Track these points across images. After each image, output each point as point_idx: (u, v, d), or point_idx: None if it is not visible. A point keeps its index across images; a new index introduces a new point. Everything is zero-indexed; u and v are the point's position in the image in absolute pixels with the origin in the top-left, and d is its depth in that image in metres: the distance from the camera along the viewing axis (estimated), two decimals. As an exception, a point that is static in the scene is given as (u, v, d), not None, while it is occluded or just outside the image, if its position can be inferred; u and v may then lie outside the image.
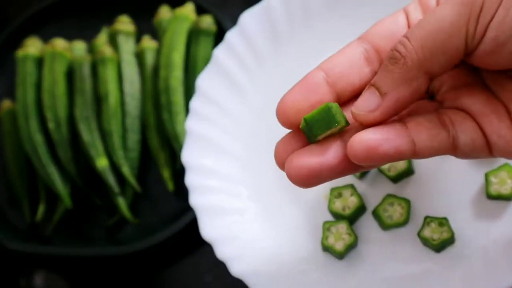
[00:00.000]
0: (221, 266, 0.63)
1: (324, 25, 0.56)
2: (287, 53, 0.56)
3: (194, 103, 0.55)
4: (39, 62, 0.71)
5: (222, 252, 0.49)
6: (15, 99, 0.70)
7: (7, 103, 0.71)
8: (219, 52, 0.56)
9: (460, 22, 0.36)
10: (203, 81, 0.56)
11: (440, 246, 0.47)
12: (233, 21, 0.60)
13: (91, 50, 0.72)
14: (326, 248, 0.49)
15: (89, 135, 0.67)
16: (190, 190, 0.52)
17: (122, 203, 0.65)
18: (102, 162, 0.66)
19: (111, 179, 0.66)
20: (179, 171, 0.66)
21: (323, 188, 0.50)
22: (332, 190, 0.50)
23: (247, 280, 0.48)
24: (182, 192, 0.66)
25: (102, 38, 0.72)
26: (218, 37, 0.69)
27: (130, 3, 0.74)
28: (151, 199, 0.67)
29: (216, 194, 0.52)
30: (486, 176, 0.48)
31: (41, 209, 0.66)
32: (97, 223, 0.67)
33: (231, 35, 0.56)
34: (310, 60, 0.54)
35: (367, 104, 0.37)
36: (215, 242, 0.50)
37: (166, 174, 0.66)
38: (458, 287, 0.45)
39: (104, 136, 0.67)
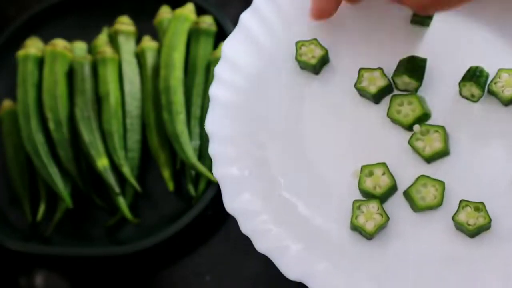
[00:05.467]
0: (221, 266, 0.63)
1: None
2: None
3: (218, 68, 0.52)
4: (40, 62, 0.71)
5: (246, 226, 0.47)
6: (15, 99, 0.70)
7: (7, 103, 0.71)
8: (246, 16, 0.53)
9: None
10: (228, 46, 0.52)
11: (475, 232, 0.46)
12: (233, 21, 0.60)
13: (92, 50, 0.72)
14: (355, 228, 0.47)
15: (89, 135, 0.67)
16: (213, 160, 0.49)
17: (122, 203, 0.65)
18: (102, 162, 0.66)
19: (111, 179, 0.66)
20: (179, 171, 0.66)
21: (354, 166, 0.49)
22: (363, 167, 0.48)
23: (272, 256, 0.46)
24: (182, 192, 0.66)
25: (102, 39, 0.72)
26: (218, 37, 0.70)
27: (130, 3, 0.74)
28: (151, 199, 0.67)
29: (240, 165, 0.49)
30: None
31: (41, 209, 0.66)
32: (97, 223, 0.67)
33: (258, 0, 0.54)
34: (336, 26, 0.53)
35: None
36: (239, 216, 0.47)
37: (166, 174, 0.66)
38: (493, 276, 0.44)
39: (105, 136, 0.67)
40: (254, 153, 0.50)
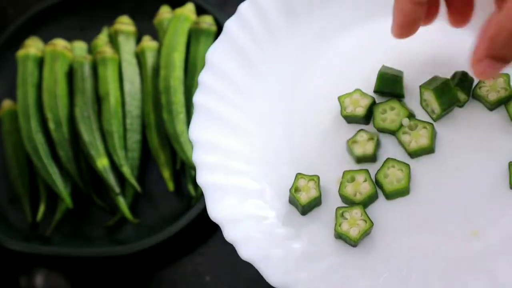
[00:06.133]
0: (220, 266, 0.63)
1: (341, 3, 0.54)
2: (301, 28, 0.54)
3: (203, 76, 0.51)
4: (40, 62, 0.71)
5: (230, 234, 0.47)
6: (15, 99, 0.70)
7: (8, 103, 0.71)
8: (231, 24, 0.53)
9: None
10: (213, 53, 0.52)
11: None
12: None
13: (92, 50, 0.72)
14: (340, 235, 0.47)
15: (89, 135, 0.67)
16: (197, 168, 0.49)
17: (122, 203, 0.65)
18: (102, 162, 0.66)
19: (111, 179, 0.66)
20: (179, 171, 0.66)
21: (336, 171, 0.49)
22: (345, 173, 0.48)
23: (256, 264, 0.46)
24: (182, 192, 0.66)
25: (102, 39, 0.72)
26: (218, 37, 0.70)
27: (130, 3, 0.74)
28: (151, 199, 0.67)
29: (224, 172, 0.49)
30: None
31: (41, 209, 0.66)
32: (97, 223, 0.67)
33: (243, 7, 0.53)
34: (325, 36, 0.53)
35: None
36: (223, 223, 0.47)
37: (166, 174, 0.66)
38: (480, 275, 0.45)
39: (105, 136, 0.67)
40: (238, 161, 0.50)
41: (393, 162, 0.48)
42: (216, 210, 0.48)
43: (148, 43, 0.70)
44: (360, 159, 0.49)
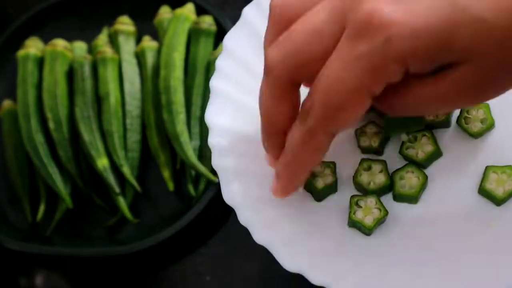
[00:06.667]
0: (220, 266, 0.63)
1: None
2: None
3: (220, 61, 0.52)
4: (40, 62, 0.71)
5: (244, 217, 0.47)
6: (15, 99, 0.70)
7: (8, 103, 0.71)
8: (249, 9, 0.53)
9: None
10: (230, 39, 0.53)
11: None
12: (233, 21, 0.60)
13: (92, 50, 0.72)
14: (354, 224, 0.47)
15: (89, 135, 0.67)
16: (212, 151, 0.49)
17: (122, 203, 0.65)
18: (102, 162, 0.66)
19: (111, 179, 0.66)
20: (179, 171, 0.66)
21: (349, 158, 0.49)
22: (362, 161, 0.48)
23: (270, 248, 0.46)
24: (182, 192, 0.66)
25: (102, 39, 0.72)
26: (218, 37, 0.70)
27: (130, 3, 0.74)
28: (151, 199, 0.67)
29: (239, 156, 0.49)
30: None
31: (41, 209, 0.66)
32: (97, 223, 0.67)
33: None
34: None
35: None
36: (237, 207, 0.47)
37: (166, 174, 0.66)
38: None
39: (105, 136, 0.67)
40: (254, 145, 0.49)
41: (413, 168, 0.48)
42: (231, 193, 0.48)
43: (148, 43, 0.70)
44: (365, 150, 0.49)
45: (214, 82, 0.52)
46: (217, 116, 0.51)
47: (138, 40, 0.72)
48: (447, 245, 0.46)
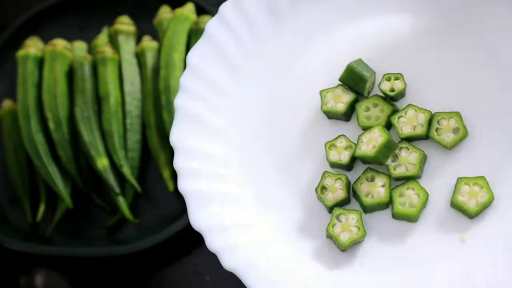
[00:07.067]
0: (220, 266, 0.63)
1: (328, 4, 0.52)
2: (285, 27, 0.52)
3: (184, 79, 0.50)
4: (40, 62, 0.71)
5: (213, 242, 0.46)
6: (16, 99, 0.70)
7: (8, 103, 0.71)
8: (212, 25, 0.51)
9: None
10: (194, 56, 0.51)
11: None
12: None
13: (92, 50, 0.72)
14: (330, 236, 0.46)
15: (89, 135, 0.67)
16: (178, 174, 0.48)
17: (122, 203, 0.65)
18: (102, 162, 0.66)
19: (111, 179, 0.66)
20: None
21: (315, 172, 0.49)
22: (367, 170, 0.47)
23: (240, 274, 0.45)
24: (182, 192, 0.66)
25: (102, 39, 0.72)
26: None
27: (130, 3, 0.74)
28: (151, 199, 0.67)
29: (207, 179, 0.48)
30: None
31: (41, 209, 0.67)
32: (97, 223, 0.67)
33: (225, 8, 0.52)
34: (310, 34, 0.52)
35: None
36: (206, 232, 0.46)
37: (166, 174, 0.66)
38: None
39: (105, 136, 0.67)
40: (221, 167, 0.49)
41: (414, 184, 0.46)
42: (198, 218, 0.47)
43: (148, 43, 0.70)
44: (333, 165, 0.48)
45: (178, 101, 0.50)
46: (182, 136, 0.49)
47: (138, 40, 0.72)
48: (419, 256, 0.45)
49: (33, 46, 0.71)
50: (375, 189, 0.47)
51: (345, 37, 0.52)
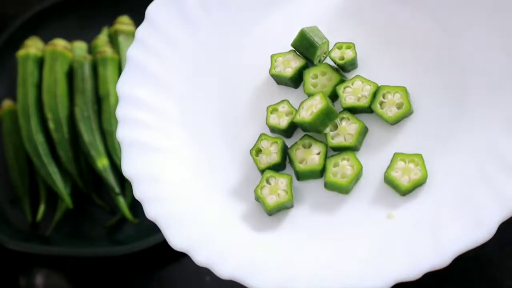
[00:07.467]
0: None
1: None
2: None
3: (139, 30, 0.51)
4: (40, 62, 0.71)
5: (139, 190, 0.45)
6: (16, 99, 0.70)
7: (8, 103, 0.71)
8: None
9: None
10: (152, 9, 0.51)
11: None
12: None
13: (92, 50, 0.72)
14: (257, 199, 0.45)
15: (89, 135, 0.67)
16: (118, 122, 0.48)
17: (122, 203, 0.65)
18: (102, 162, 0.66)
19: (111, 179, 0.66)
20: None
21: (256, 134, 0.48)
22: (305, 137, 0.46)
23: (160, 224, 0.45)
24: (182, 192, 0.66)
25: (102, 39, 0.72)
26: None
27: (130, 3, 0.74)
28: (151, 199, 0.67)
29: (146, 129, 0.48)
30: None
31: (41, 209, 0.67)
32: (97, 223, 0.67)
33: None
34: (271, 4, 0.52)
35: None
36: (134, 179, 0.46)
37: (166, 174, 0.66)
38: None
39: (105, 136, 0.67)
40: (162, 120, 0.49)
41: (350, 155, 0.45)
42: (130, 166, 0.46)
43: (148, 43, 0.70)
44: (273, 129, 0.48)
45: (130, 52, 0.50)
46: (128, 86, 0.49)
47: (138, 40, 0.72)
48: (344, 229, 0.44)
49: (33, 46, 0.72)
50: (310, 156, 0.45)
51: (304, 6, 0.52)
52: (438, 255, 0.40)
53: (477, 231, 0.41)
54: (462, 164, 0.44)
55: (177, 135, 0.49)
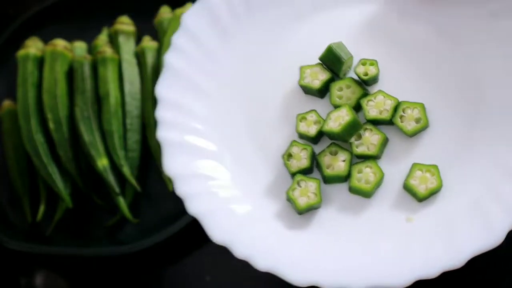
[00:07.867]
0: (220, 266, 0.63)
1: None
2: (280, 8, 0.56)
3: (176, 38, 0.55)
4: (40, 62, 0.71)
5: (181, 187, 0.50)
6: (15, 99, 0.70)
7: (8, 103, 0.71)
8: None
9: None
10: (188, 17, 0.55)
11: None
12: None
13: (92, 50, 0.72)
14: (289, 199, 0.50)
15: (89, 135, 0.67)
16: (159, 123, 0.52)
17: (122, 203, 0.65)
18: (102, 162, 0.66)
19: (111, 179, 0.66)
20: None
21: (291, 139, 0.52)
22: (332, 145, 0.51)
23: (201, 219, 0.49)
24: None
25: (102, 39, 0.72)
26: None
27: (130, 3, 0.74)
28: (151, 199, 0.67)
29: (184, 131, 0.52)
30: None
31: (41, 209, 0.67)
32: (97, 223, 0.67)
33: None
34: (302, 17, 0.56)
35: None
36: (176, 178, 0.50)
37: (166, 174, 0.66)
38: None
39: (105, 136, 0.67)
40: (200, 122, 0.53)
41: (372, 163, 0.50)
42: (171, 165, 0.50)
43: (148, 43, 0.70)
44: (302, 136, 0.52)
45: (168, 57, 0.54)
46: (168, 90, 0.53)
47: (138, 40, 0.72)
48: (368, 229, 0.49)
49: (33, 46, 0.71)
50: (337, 162, 0.50)
51: (331, 21, 0.55)
52: (454, 257, 0.45)
53: (489, 237, 0.46)
54: (474, 174, 0.49)
55: (213, 138, 0.53)
